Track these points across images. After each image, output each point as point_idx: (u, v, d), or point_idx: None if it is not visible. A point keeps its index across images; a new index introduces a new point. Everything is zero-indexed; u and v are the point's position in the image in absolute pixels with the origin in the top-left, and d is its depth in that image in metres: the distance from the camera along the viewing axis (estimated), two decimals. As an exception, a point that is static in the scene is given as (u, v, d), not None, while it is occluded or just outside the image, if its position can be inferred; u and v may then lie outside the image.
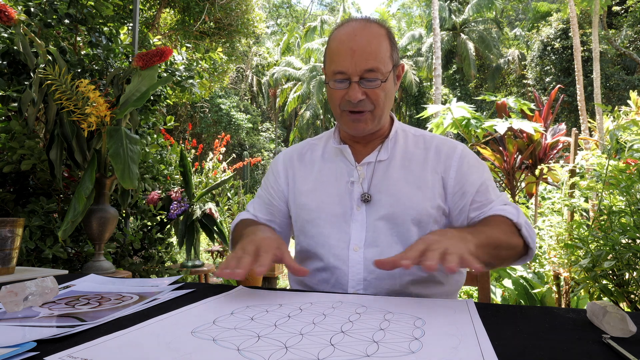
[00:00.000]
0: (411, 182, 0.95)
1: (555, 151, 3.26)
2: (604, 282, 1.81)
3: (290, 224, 1.10)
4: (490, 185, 0.96)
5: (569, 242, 2.12)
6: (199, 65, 4.33)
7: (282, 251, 0.76)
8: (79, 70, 2.23)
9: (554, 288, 2.45)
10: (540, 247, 2.66)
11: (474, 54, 19.05)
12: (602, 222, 1.90)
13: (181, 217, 2.91)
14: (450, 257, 0.62)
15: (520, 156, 3.21)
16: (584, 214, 2.57)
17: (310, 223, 0.98)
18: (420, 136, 1.03)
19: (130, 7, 3.40)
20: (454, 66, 20.50)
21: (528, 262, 2.87)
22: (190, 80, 3.21)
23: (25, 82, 2.02)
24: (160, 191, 2.83)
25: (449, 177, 0.95)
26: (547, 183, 3.32)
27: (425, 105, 3.54)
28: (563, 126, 3.36)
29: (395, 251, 0.89)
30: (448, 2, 19.99)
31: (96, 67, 2.36)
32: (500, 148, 3.30)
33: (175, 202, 2.83)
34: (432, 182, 0.95)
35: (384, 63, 0.89)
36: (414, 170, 0.96)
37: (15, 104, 1.94)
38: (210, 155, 3.52)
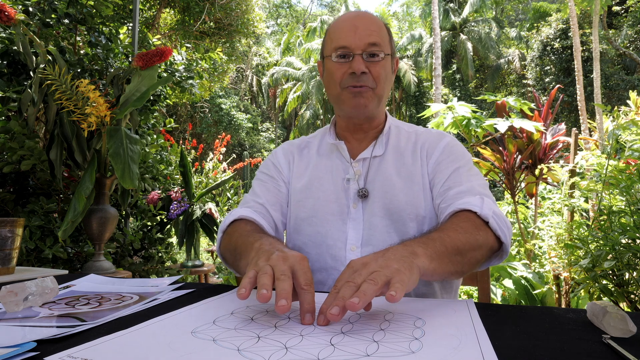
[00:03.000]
0: (404, 176, 0.94)
1: (555, 151, 3.26)
2: (604, 282, 1.81)
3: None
4: (465, 171, 0.90)
5: (569, 242, 2.12)
6: (199, 66, 4.33)
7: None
8: (79, 70, 2.23)
9: (554, 288, 2.45)
10: (540, 247, 2.66)
11: (472, 54, 19.06)
12: (602, 222, 1.90)
13: (181, 217, 2.90)
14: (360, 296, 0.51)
15: (520, 156, 3.21)
16: (584, 214, 2.57)
17: (305, 221, 0.96)
18: (412, 132, 1.02)
19: (130, 7, 3.40)
20: (454, 66, 20.50)
21: (528, 262, 2.87)
22: (190, 81, 3.21)
23: (25, 82, 2.02)
24: (160, 191, 2.83)
25: (429, 165, 0.94)
26: (547, 183, 3.32)
27: (427, 104, 3.50)
28: (563, 126, 3.36)
29: None
30: (445, 2, 19.99)
31: (96, 67, 2.36)
32: (500, 148, 3.30)
33: (175, 202, 2.83)
34: (422, 173, 0.94)
35: (385, 42, 0.92)
36: (405, 163, 0.95)
37: (15, 104, 1.94)
38: (211, 155, 3.52)
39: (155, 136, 2.71)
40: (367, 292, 0.52)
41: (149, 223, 2.73)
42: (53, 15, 2.17)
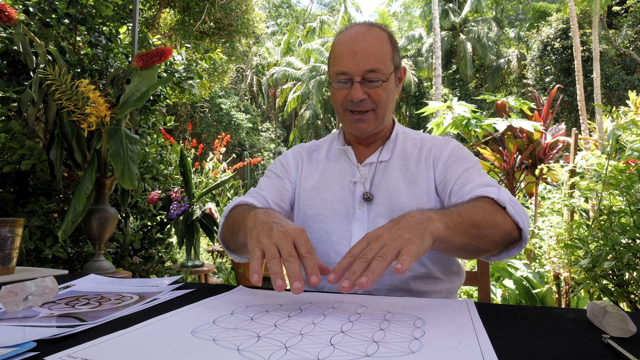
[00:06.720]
0: (408, 179, 0.98)
1: (555, 151, 3.27)
2: (604, 282, 1.81)
3: (291, 215, 1.09)
4: (475, 171, 0.93)
5: (569, 242, 2.12)
6: (199, 66, 4.33)
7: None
8: (79, 70, 2.23)
9: (554, 288, 2.45)
10: (540, 247, 2.66)
11: (471, 54, 19.06)
12: (602, 222, 1.90)
13: (181, 217, 2.90)
14: (375, 264, 0.57)
15: (520, 156, 3.21)
16: (584, 214, 2.57)
17: (312, 219, 1.00)
18: (419, 139, 1.06)
19: (130, 7, 3.40)
20: (454, 66, 20.50)
21: (528, 262, 2.87)
22: (190, 82, 3.21)
23: (25, 82, 2.02)
24: (160, 191, 2.83)
25: (436, 169, 0.98)
26: (547, 183, 3.32)
27: (426, 102, 3.52)
28: (563, 126, 3.37)
29: None
30: (445, 1, 19.97)
31: (96, 67, 2.36)
32: (500, 148, 3.30)
33: (175, 202, 2.83)
34: (427, 176, 0.97)
35: (385, 64, 0.92)
36: (410, 167, 0.99)
37: (15, 104, 1.94)
38: (210, 155, 3.52)
39: (155, 135, 2.71)
40: (376, 270, 0.56)
41: (149, 223, 2.73)
42: (53, 15, 2.17)
